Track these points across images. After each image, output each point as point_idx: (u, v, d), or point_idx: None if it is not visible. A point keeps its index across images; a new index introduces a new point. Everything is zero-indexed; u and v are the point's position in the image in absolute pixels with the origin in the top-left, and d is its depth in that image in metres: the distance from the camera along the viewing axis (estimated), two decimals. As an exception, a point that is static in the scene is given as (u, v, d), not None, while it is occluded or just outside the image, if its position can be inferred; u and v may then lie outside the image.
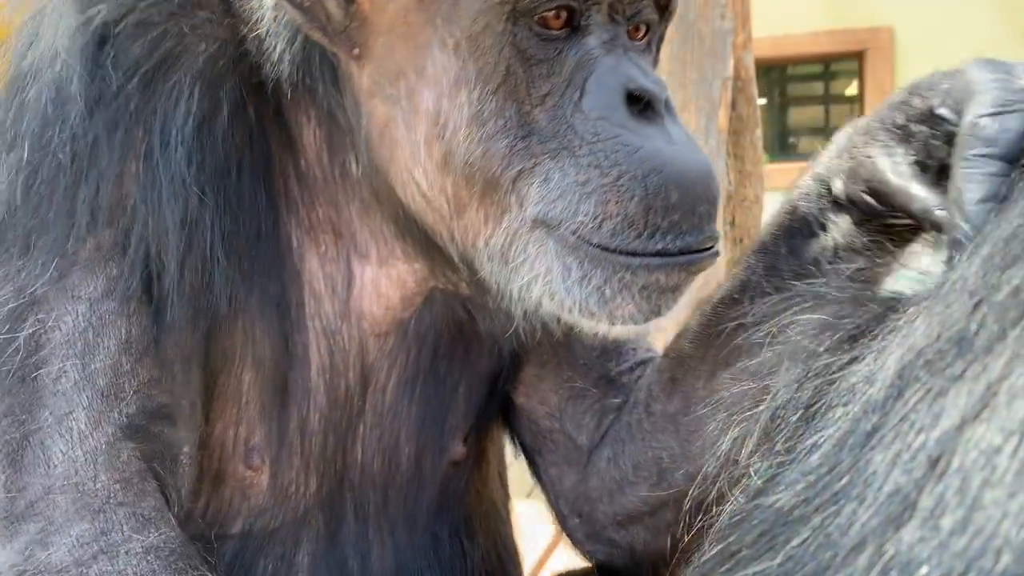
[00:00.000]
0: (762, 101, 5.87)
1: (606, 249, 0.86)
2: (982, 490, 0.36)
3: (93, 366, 0.91)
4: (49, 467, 0.90)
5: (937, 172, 0.79)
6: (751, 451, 0.89)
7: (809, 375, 0.83)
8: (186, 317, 0.96)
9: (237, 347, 1.01)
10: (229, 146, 0.96)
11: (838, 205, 0.91)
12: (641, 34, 0.98)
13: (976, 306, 0.44)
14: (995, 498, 0.35)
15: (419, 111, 0.91)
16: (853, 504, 0.43)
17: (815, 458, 0.51)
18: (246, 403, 1.03)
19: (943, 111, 0.80)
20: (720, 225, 2.96)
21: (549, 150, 0.87)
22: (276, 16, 0.97)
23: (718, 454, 0.99)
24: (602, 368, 1.20)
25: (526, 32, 0.87)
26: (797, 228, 0.96)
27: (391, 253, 1.06)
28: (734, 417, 1.02)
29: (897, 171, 0.81)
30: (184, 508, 1.01)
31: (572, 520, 1.23)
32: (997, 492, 0.35)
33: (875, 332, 0.62)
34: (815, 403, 0.76)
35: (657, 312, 0.90)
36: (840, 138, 0.92)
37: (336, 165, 1.03)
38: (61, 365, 0.91)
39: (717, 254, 0.89)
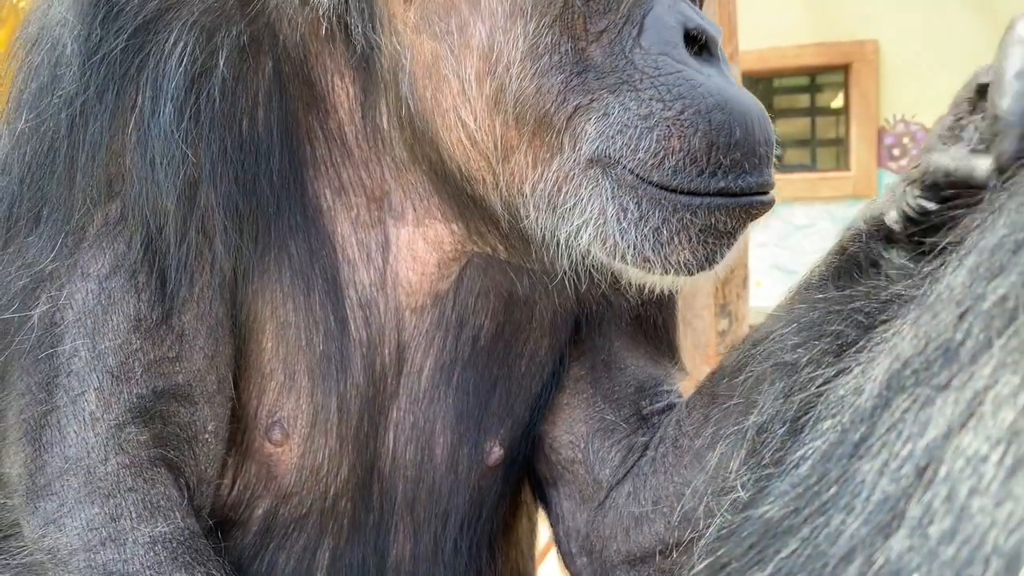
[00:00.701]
0: (749, 113, 5.86)
1: (666, 188, 0.83)
2: (970, 498, 0.36)
3: (103, 345, 0.90)
4: (64, 447, 0.89)
5: None
6: (738, 466, 0.89)
7: (794, 389, 0.84)
8: (204, 287, 0.93)
9: (260, 315, 0.98)
10: (232, 101, 0.92)
11: (890, 240, 0.87)
12: None
13: (962, 316, 0.44)
14: (983, 506, 0.35)
15: (470, 45, 0.86)
16: (842, 514, 0.43)
17: (804, 469, 0.51)
18: (269, 372, 1.00)
19: (984, 79, 0.76)
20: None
21: (607, 85, 0.84)
22: None
23: (706, 469, 0.99)
24: (635, 405, 1.15)
25: None
26: (846, 269, 0.92)
27: (427, 212, 1.00)
28: (721, 432, 1.02)
29: (955, 156, 0.77)
30: (209, 490, 0.98)
31: (580, 559, 1.17)
32: (984, 500, 0.35)
33: (863, 343, 0.62)
34: (802, 416, 0.76)
35: (711, 260, 0.86)
36: (891, 183, 0.89)
37: (368, 122, 0.98)
38: (73, 344, 0.89)
39: (773, 201, 0.86)
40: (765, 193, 0.85)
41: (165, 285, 0.90)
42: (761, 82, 8.35)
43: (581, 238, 0.87)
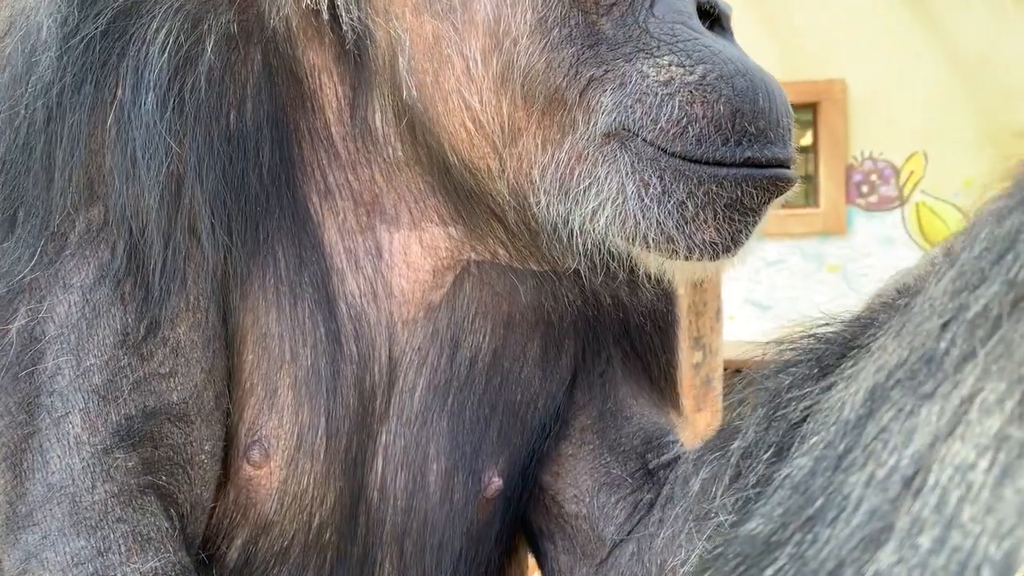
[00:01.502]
0: (720, 150, 5.94)
1: (690, 159, 0.79)
2: (959, 507, 0.35)
3: (88, 362, 0.83)
4: (47, 474, 0.82)
5: None
6: (722, 491, 0.88)
7: (777, 413, 0.83)
8: (199, 295, 0.87)
9: (242, 323, 0.92)
10: (220, 92, 0.87)
11: None
12: None
13: (945, 325, 0.44)
14: (973, 515, 0.35)
15: (475, 21, 0.82)
16: (829, 528, 0.42)
17: (789, 485, 0.51)
18: (249, 387, 0.93)
19: None
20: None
21: (623, 54, 0.80)
22: None
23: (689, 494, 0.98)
24: (642, 459, 1.09)
25: None
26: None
27: (423, 214, 0.95)
28: (704, 457, 1.01)
29: None
30: (203, 516, 0.92)
31: None
32: (975, 508, 0.35)
33: (848, 358, 0.62)
34: (786, 438, 0.75)
35: (736, 242, 0.82)
36: (931, 254, 0.87)
37: (358, 122, 0.93)
38: (55, 361, 0.83)
39: (796, 179, 0.82)
40: (789, 167, 0.81)
41: (153, 294, 0.85)
42: (732, 120, 8.46)
43: (597, 222, 0.83)
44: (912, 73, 7.70)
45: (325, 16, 0.90)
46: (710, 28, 0.84)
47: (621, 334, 1.10)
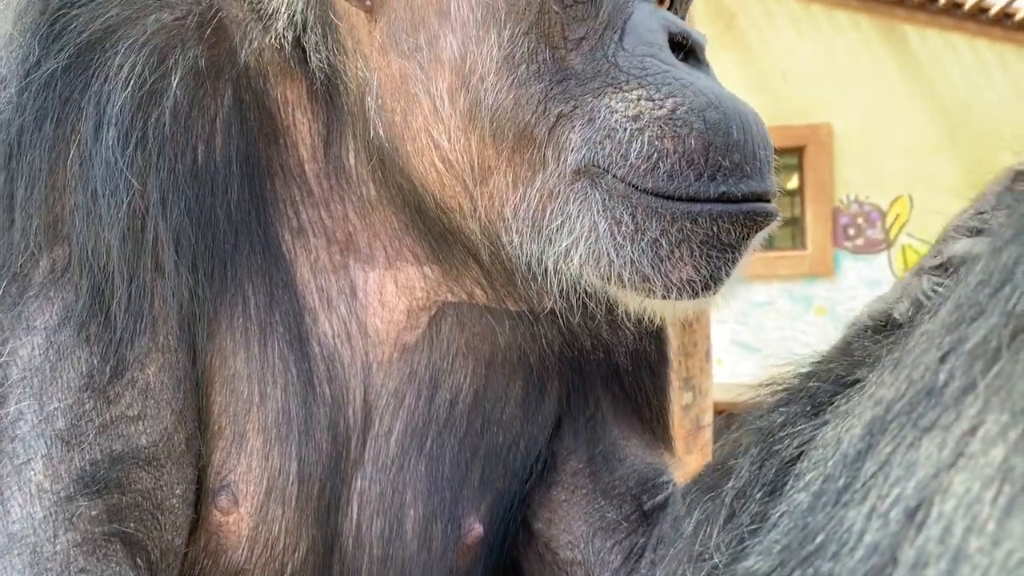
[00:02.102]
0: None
1: (662, 195, 0.76)
2: (966, 539, 0.35)
3: (51, 406, 0.80)
4: (7, 523, 0.78)
5: None
6: (717, 532, 0.86)
7: (770, 452, 0.82)
8: (168, 334, 0.84)
9: (211, 364, 0.89)
10: (187, 126, 0.84)
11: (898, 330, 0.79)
12: (667, 6, 0.92)
13: (944, 358, 0.43)
14: (980, 546, 0.34)
15: (442, 59, 0.81)
16: (830, 563, 0.41)
17: (788, 522, 0.50)
18: (218, 429, 0.89)
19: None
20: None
21: (591, 90, 0.78)
22: None
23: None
24: (636, 501, 1.05)
25: None
26: (855, 364, 0.82)
27: (398, 253, 0.93)
28: (697, 498, 0.99)
29: (981, 244, 0.70)
30: (176, 562, 0.88)
31: None
32: (982, 540, 0.34)
33: (841, 395, 0.61)
34: (781, 476, 0.74)
35: (715, 280, 0.79)
36: (902, 280, 0.82)
37: (331, 159, 0.91)
38: (18, 406, 0.80)
39: (777, 213, 0.79)
40: (768, 201, 0.79)
41: (119, 335, 0.82)
42: (719, 163, 8.54)
43: (571, 260, 0.80)
44: (896, 118, 7.82)
45: (296, 56, 0.89)
46: (684, 60, 0.82)
47: (610, 375, 1.08)
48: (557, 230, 0.80)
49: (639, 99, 0.76)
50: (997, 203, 0.72)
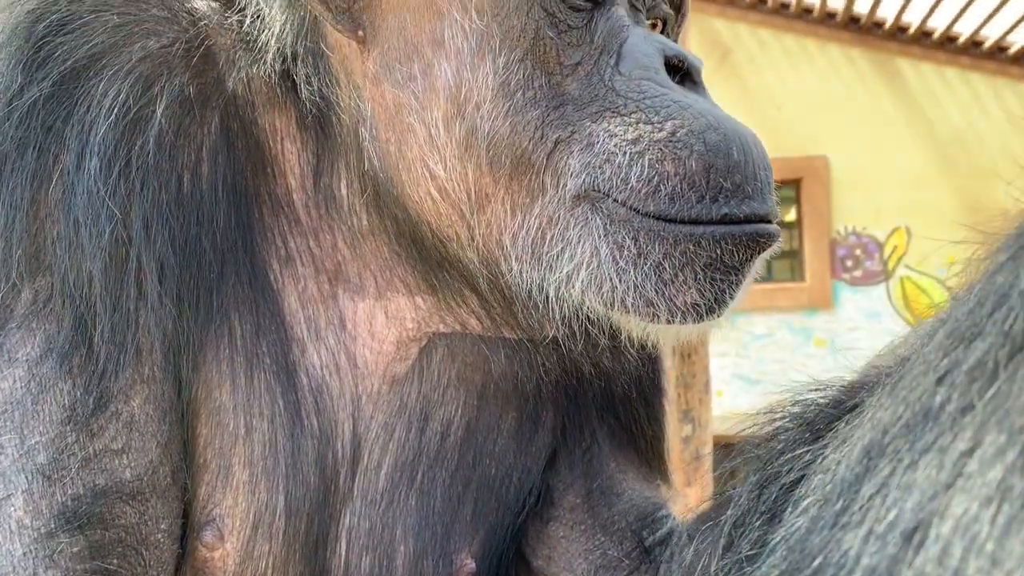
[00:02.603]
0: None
1: (664, 219, 0.75)
2: (964, 560, 0.34)
3: (32, 440, 0.78)
4: None
5: None
6: (716, 560, 0.85)
7: (769, 479, 0.81)
8: (153, 365, 0.82)
9: (196, 396, 0.87)
10: (172, 155, 0.83)
11: None
12: (659, 31, 0.92)
13: (941, 379, 0.43)
14: (979, 567, 0.34)
15: (436, 88, 0.80)
16: (828, 587, 0.41)
17: (786, 547, 0.49)
18: (203, 463, 0.87)
19: None
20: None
21: (589, 114, 0.77)
22: (266, 4, 0.86)
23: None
24: (637, 536, 1.03)
25: None
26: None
27: (388, 283, 0.92)
28: (697, 528, 0.98)
29: None
30: None
31: None
32: (981, 561, 0.34)
33: (841, 420, 0.61)
34: (780, 502, 0.73)
35: (720, 302, 0.77)
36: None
37: (321, 189, 0.90)
38: None
39: (779, 234, 0.79)
40: (770, 221, 0.78)
41: (103, 367, 0.80)
42: (716, 195, 8.58)
43: (573, 287, 0.79)
44: (892, 150, 7.87)
45: (286, 83, 0.88)
46: (680, 82, 0.81)
47: (605, 407, 1.06)
48: (558, 256, 0.79)
49: (638, 122, 0.76)
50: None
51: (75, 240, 0.79)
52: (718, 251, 0.75)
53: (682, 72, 0.82)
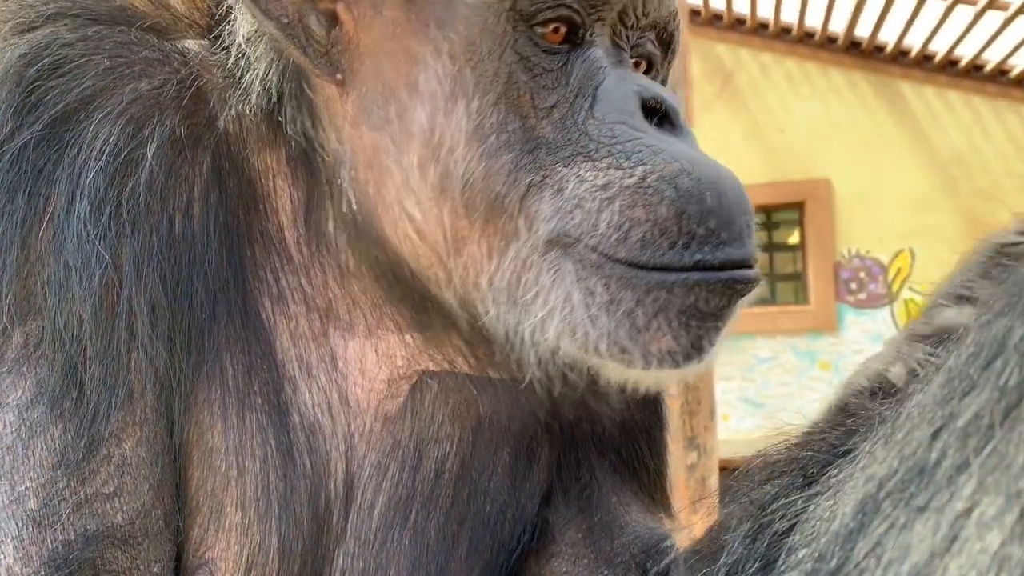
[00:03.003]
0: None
1: (635, 265, 0.74)
2: (961, 632, 0.33)
3: (23, 486, 0.77)
4: None
5: None
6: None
7: (762, 526, 0.79)
8: (145, 407, 0.82)
9: (188, 437, 0.86)
10: (163, 196, 0.83)
11: (893, 396, 0.76)
12: (643, 69, 0.91)
13: (936, 434, 0.42)
14: (976, 640, 0.32)
15: (411, 131, 0.80)
16: (823, 652, 0.40)
17: (780, 603, 0.48)
18: (196, 505, 0.87)
19: (1005, 239, 0.70)
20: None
21: (561, 159, 0.77)
22: (249, 46, 0.87)
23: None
24: (641, 569, 1.00)
25: (527, 40, 0.78)
26: (850, 427, 0.79)
27: (379, 322, 0.91)
28: (694, 569, 0.97)
29: (970, 315, 0.69)
30: None
31: None
32: (977, 633, 0.32)
33: (834, 465, 0.60)
34: (773, 550, 0.72)
35: (698, 349, 0.76)
36: (896, 335, 0.82)
37: (312, 226, 0.90)
38: None
39: (759, 278, 0.77)
40: (750, 267, 0.76)
41: (94, 410, 0.79)
42: (720, 219, 8.58)
43: (548, 332, 0.78)
44: (894, 173, 7.87)
45: (275, 121, 0.89)
46: (659, 124, 0.80)
47: (604, 442, 1.05)
48: (532, 300, 0.78)
49: (609, 167, 0.75)
50: (984, 273, 0.71)
51: (65, 283, 0.79)
52: (692, 298, 0.74)
53: (660, 114, 0.81)
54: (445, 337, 0.91)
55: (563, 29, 0.80)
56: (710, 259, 0.73)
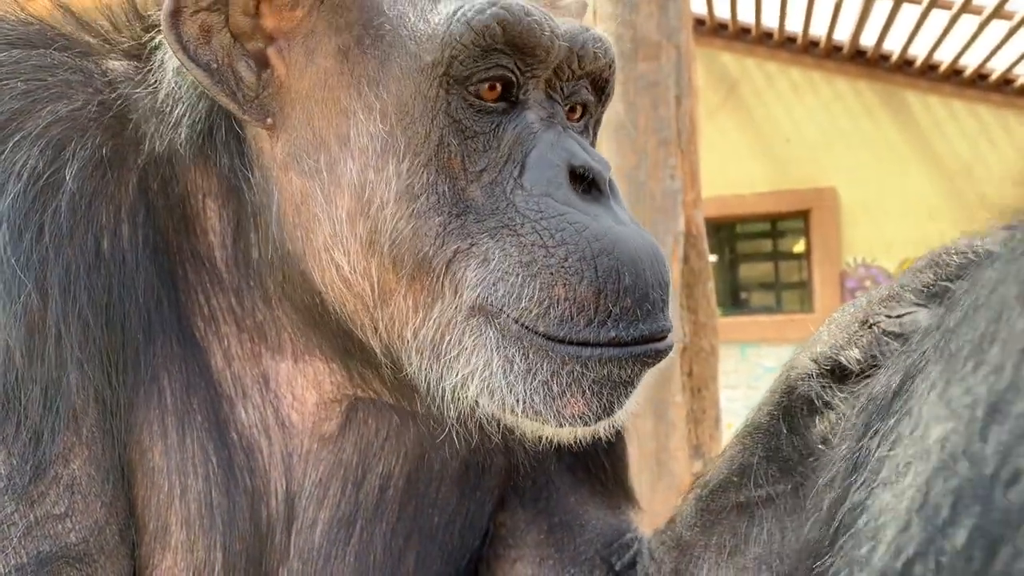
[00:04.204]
0: (713, 258, 6.07)
1: (553, 339, 0.77)
2: None
3: None
4: None
5: None
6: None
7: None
8: (92, 427, 0.81)
9: (131, 458, 0.86)
10: (87, 217, 0.82)
11: (841, 379, 0.82)
12: (578, 115, 0.93)
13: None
14: None
15: (341, 184, 0.81)
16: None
17: None
18: (142, 524, 0.87)
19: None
20: (677, 375, 2.97)
21: (488, 228, 0.79)
22: (177, 80, 0.87)
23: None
24: (607, 563, 1.04)
25: (460, 102, 0.79)
26: (797, 407, 0.87)
27: (306, 347, 0.92)
28: (657, 551, 1.00)
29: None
30: None
31: None
32: None
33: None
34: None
35: (609, 411, 0.79)
36: (840, 318, 0.86)
37: (241, 248, 0.90)
38: None
39: (671, 346, 0.81)
40: (662, 339, 0.79)
41: (36, 434, 0.78)
42: (724, 228, 8.59)
43: (468, 389, 0.80)
44: (900, 181, 7.87)
45: (205, 147, 0.89)
46: (588, 190, 0.82)
47: (557, 447, 1.04)
48: (454, 359, 0.81)
49: (533, 244, 0.77)
50: (959, 274, 0.73)
51: None
52: (605, 371, 0.77)
53: (588, 181, 0.83)
54: (369, 374, 0.92)
55: (499, 87, 0.81)
56: (624, 336, 0.77)
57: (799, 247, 8.55)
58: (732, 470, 0.92)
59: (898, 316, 0.78)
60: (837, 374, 0.82)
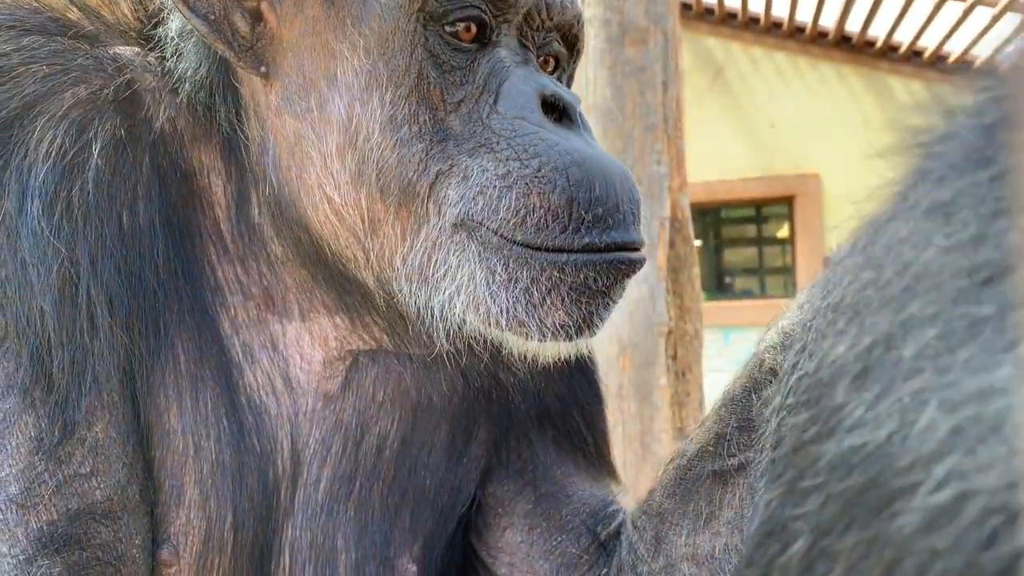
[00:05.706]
0: (698, 243, 6.08)
1: (531, 247, 0.82)
2: None
3: (3, 473, 0.81)
4: None
5: None
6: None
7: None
8: (112, 391, 0.86)
9: (150, 421, 0.91)
10: (110, 194, 0.87)
11: None
12: (551, 68, 0.99)
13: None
14: None
15: (330, 120, 0.86)
16: None
17: None
18: (158, 484, 0.92)
19: None
20: (662, 359, 2.99)
21: (467, 149, 0.84)
22: (181, 40, 0.94)
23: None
24: (592, 532, 1.09)
25: (438, 39, 0.85)
26: (765, 379, 0.90)
27: (311, 306, 0.98)
28: (639, 520, 1.04)
29: None
30: None
31: None
32: None
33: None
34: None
35: (589, 323, 0.84)
36: (809, 292, 0.86)
37: (243, 217, 0.96)
38: None
39: (644, 259, 0.85)
40: (635, 250, 0.84)
41: (64, 397, 0.83)
42: (709, 213, 8.63)
43: (455, 306, 0.85)
44: (882, 167, 7.92)
45: (208, 116, 0.95)
46: (559, 120, 0.88)
47: (541, 419, 1.12)
48: (441, 278, 0.85)
49: (508, 159, 0.82)
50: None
51: (24, 279, 0.83)
52: (582, 276, 0.82)
53: (559, 110, 0.88)
54: (368, 317, 0.97)
55: (473, 28, 0.87)
56: (597, 242, 0.81)
57: (783, 232, 8.60)
58: (708, 440, 0.96)
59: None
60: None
